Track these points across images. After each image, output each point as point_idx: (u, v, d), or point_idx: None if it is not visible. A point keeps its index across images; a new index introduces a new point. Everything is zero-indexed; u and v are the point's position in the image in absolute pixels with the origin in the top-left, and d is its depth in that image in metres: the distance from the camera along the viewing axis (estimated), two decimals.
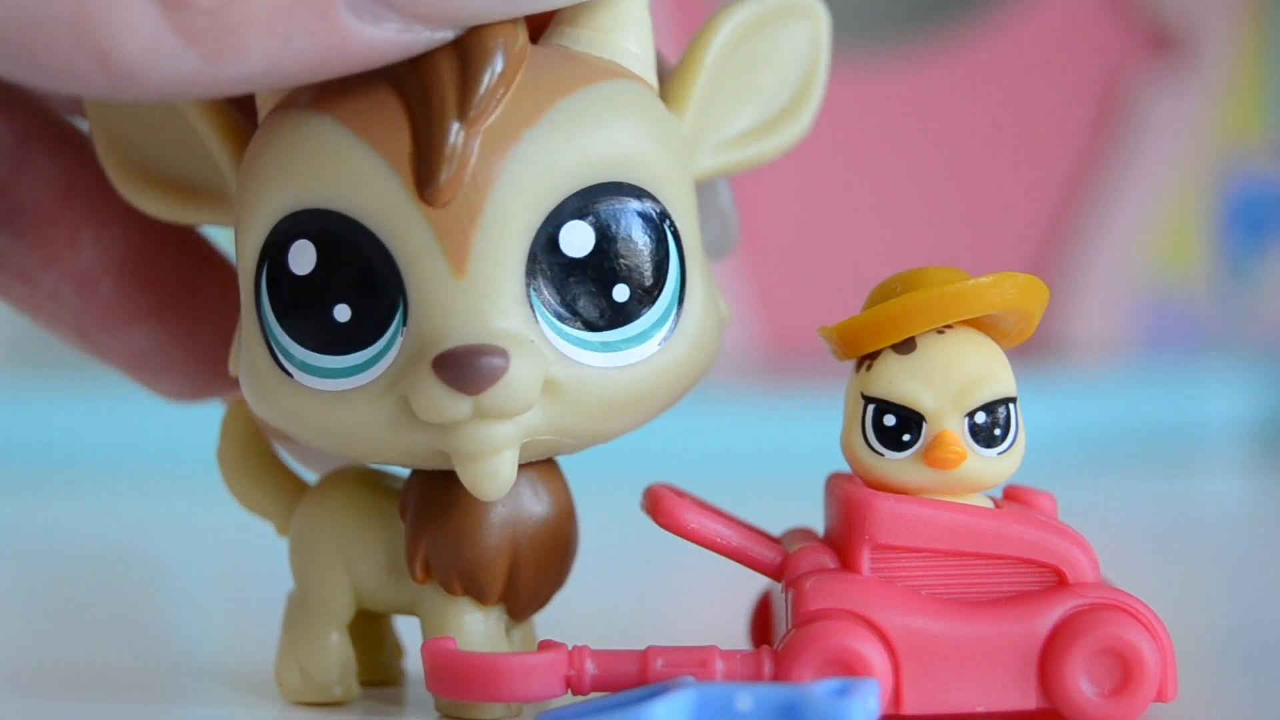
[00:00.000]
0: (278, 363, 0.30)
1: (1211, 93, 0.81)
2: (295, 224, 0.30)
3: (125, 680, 0.35)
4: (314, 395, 0.30)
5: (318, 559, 0.32)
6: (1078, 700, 0.30)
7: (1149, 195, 0.81)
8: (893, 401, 0.30)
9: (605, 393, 0.30)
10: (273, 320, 0.30)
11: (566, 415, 0.30)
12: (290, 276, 0.30)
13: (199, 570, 0.53)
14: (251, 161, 0.30)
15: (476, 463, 0.29)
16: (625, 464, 0.32)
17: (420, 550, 0.31)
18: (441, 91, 0.29)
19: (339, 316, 0.29)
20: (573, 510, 0.32)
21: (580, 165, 0.29)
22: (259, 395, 0.31)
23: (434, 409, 0.29)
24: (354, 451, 0.30)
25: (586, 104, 0.30)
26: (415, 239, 0.29)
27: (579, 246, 0.30)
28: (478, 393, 0.28)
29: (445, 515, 0.31)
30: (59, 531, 0.57)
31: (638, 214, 0.30)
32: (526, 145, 0.29)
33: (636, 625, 0.40)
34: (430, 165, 0.29)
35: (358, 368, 0.29)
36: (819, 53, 0.33)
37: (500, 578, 0.31)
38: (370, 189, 0.29)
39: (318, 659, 0.32)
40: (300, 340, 0.30)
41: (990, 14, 0.83)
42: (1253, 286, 0.81)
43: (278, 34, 0.28)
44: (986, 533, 0.30)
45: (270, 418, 0.31)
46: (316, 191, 0.29)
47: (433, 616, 0.31)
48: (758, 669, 0.30)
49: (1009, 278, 0.30)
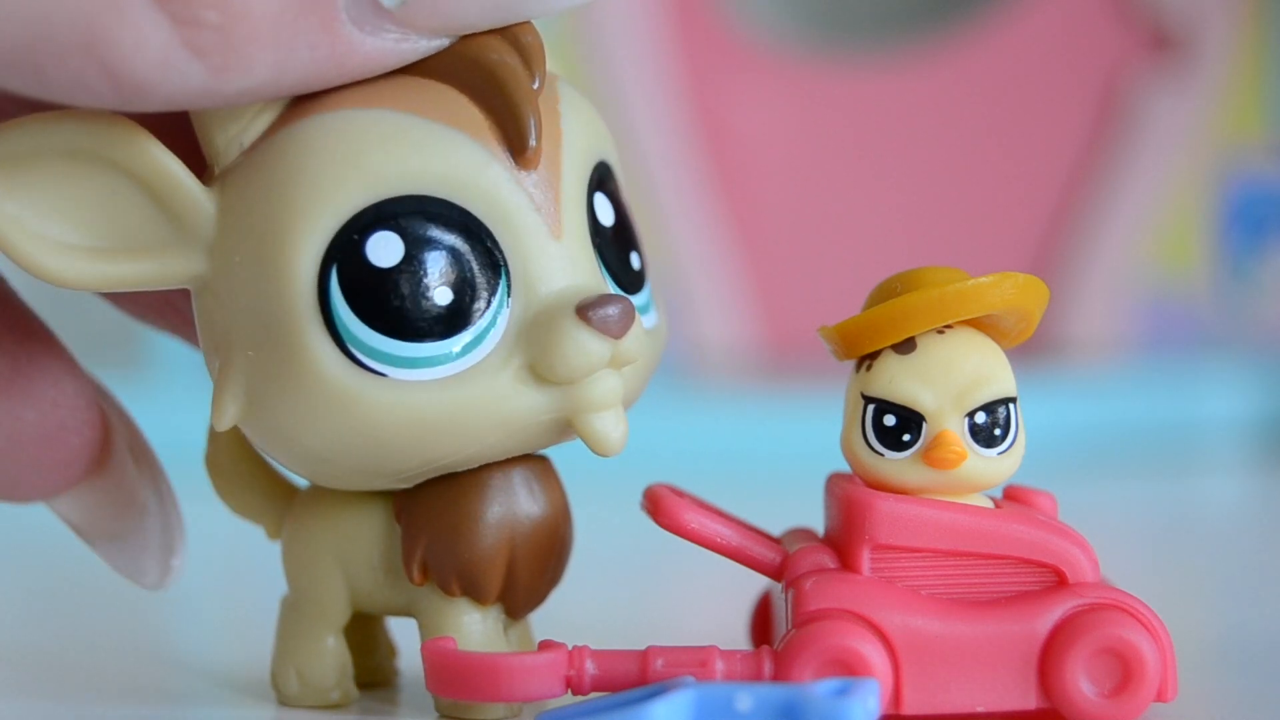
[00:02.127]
0: (363, 366, 0.29)
1: (1211, 93, 0.81)
2: (367, 218, 0.29)
3: (124, 681, 0.35)
4: (419, 389, 0.29)
5: (312, 563, 0.32)
6: (1078, 700, 0.30)
7: (1149, 195, 0.81)
8: (893, 401, 0.30)
9: (648, 356, 0.31)
10: (355, 323, 0.29)
11: (630, 375, 0.30)
12: (374, 271, 0.29)
13: (197, 571, 0.53)
14: (277, 177, 0.29)
15: (608, 415, 0.30)
16: (625, 464, 0.32)
17: (418, 552, 0.31)
18: (510, 64, 0.29)
19: (440, 300, 0.29)
20: (568, 508, 0.32)
21: (595, 141, 0.31)
22: (326, 415, 0.29)
23: (583, 356, 0.29)
24: (453, 445, 0.30)
25: (570, 91, 0.31)
26: (513, 205, 0.29)
27: (606, 216, 0.31)
28: (622, 334, 0.29)
29: (442, 516, 0.31)
30: (59, 531, 0.57)
31: (619, 188, 0.32)
32: (566, 118, 0.30)
33: (636, 625, 0.40)
34: (520, 129, 0.29)
35: (468, 347, 0.29)
36: None
37: (498, 577, 0.31)
38: (457, 163, 0.29)
39: (314, 663, 0.32)
40: (397, 334, 0.29)
41: (990, 14, 0.83)
42: (1253, 286, 0.81)
43: (283, 46, 0.28)
44: (986, 533, 0.30)
45: (339, 437, 0.29)
46: (394, 180, 0.29)
47: (431, 618, 0.31)
48: (758, 669, 0.30)
49: (1009, 278, 0.30)
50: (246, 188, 0.29)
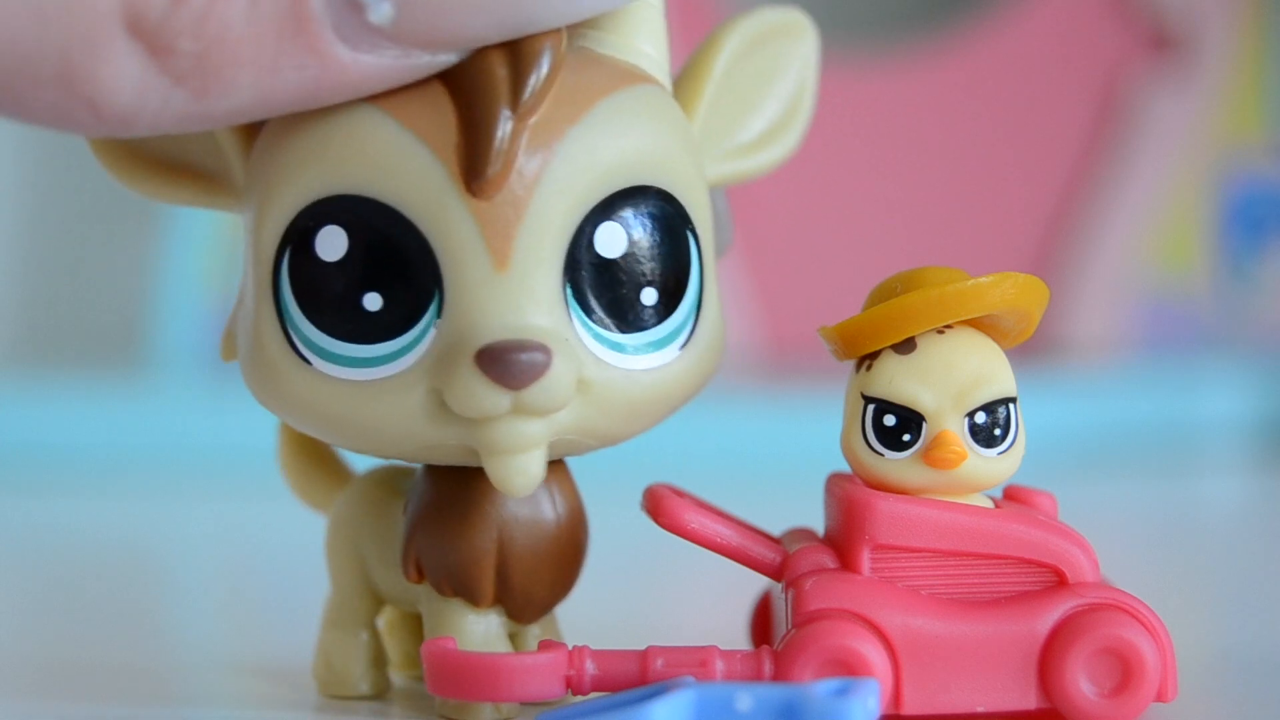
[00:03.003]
0: (295, 349, 0.30)
1: (1211, 93, 0.81)
2: (325, 210, 0.29)
3: (125, 680, 0.35)
4: (335, 384, 0.29)
5: (342, 557, 0.33)
6: (1078, 700, 0.30)
7: (1149, 195, 0.81)
8: (893, 401, 0.30)
9: (630, 395, 0.30)
10: (294, 306, 0.29)
11: (593, 416, 0.30)
12: (318, 263, 0.29)
13: (198, 570, 0.53)
14: (275, 143, 0.30)
15: (507, 459, 0.29)
16: (625, 464, 0.32)
17: (412, 551, 0.31)
18: (493, 83, 0.29)
19: (369, 305, 0.29)
20: (579, 513, 0.32)
21: (618, 166, 0.30)
22: (267, 382, 0.30)
23: (473, 403, 0.28)
24: (370, 444, 0.30)
25: (622, 106, 0.30)
26: (457, 230, 0.29)
27: (613, 248, 0.30)
28: (520, 388, 0.28)
29: (436, 517, 0.31)
30: (59, 531, 0.57)
31: (666, 219, 0.30)
32: (570, 143, 0.29)
33: (636, 625, 0.40)
34: (479, 157, 0.29)
35: (386, 358, 0.29)
36: (809, 71, 0.33)
37: (488, 580, 0.31)
38: (412, 177, 0.29)
39: (343, 653, 0.33)
40: (325, 328, 0.29)
41: (990, 14, 0.83)
42: (1253, 286, 0.81)
43: (265, 69, 0.28)
44: (986, 533, 0.30)
45: (276, 406, 0.31)
46: (352, 177, 0.29)
47: (432, 617, 0.31)
48: (758, 669, 0.30)
49: (1009, 278, 0.30)
50: (261, 152, 0.30)
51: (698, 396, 0.32)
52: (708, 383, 0.31)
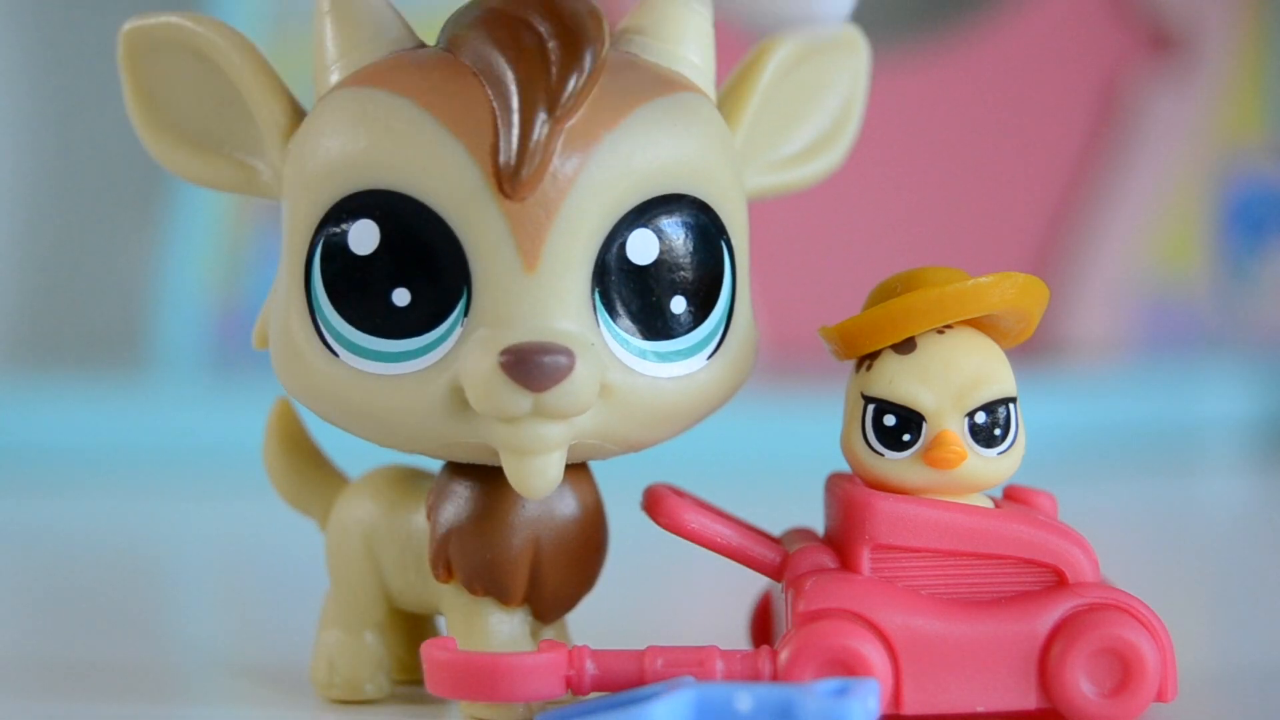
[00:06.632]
0: (323, 339, 0.30)
1: (1211, 93, 0.81)
2: (359, 203, 0.29)
3: (125, 680, 0.35)
4: (360, 376, 0.30)
5: (349, 558, 0.32)
6: (1078, 700, 0.30)
7: (1149, 195, 0.81)
8: (893, 401, 0.30)
9: (655, 402, 0.30)
10: (323, 297, 0.30)
11: (615, 421, 0.30)
12: (349, 255, 0.29)
13: (197, 570, 0.53)
14: (313, 134, 0.30)
15: (526, 460, 0.29)
16: (625, 464, 0.32)
17: (444, 550, 0.31)
18: (531, 85, 0.29)
19: (397, 300, 0.29)
20: (601, 511, 0.32)
21: (653, 173, 0.30)
22: (294, 371, 0.30)
23: (495, 402, 0.29)
24: (391, 438, 0.30)
25: (662, 113, 0.30)
26: (488, 230, 0.29)
27: (644, 255, 0.30)
28: (542, 390, 0.28)
29: (469, 516, 0.31)
30: (59, 531, 0.57)
31: (700, 228, 0.30)
32: (606, 148, 0.29)
33: (636, 625, 0.40)
34: (515, 158, 0.29)
35: (411, 353, 0.29)
36: (859, 85, 0.33)
37: (522, 580, 0.31)
38: (446, 175, 0.29)
39: (349, 657, 0.32)
40: (352, 320, 0.29)
41: (990, 14, 0.83)
42: (1253, 286, 0.81)
43: None
44: (986, 533, 0.30)
45: (302, 395, 0.31)
46: (387, 172, 0.29)
47: (457, 617, 0.31)
48: (758, 669, 0.30)
49: (1009, 278, 0.30)
50: (300, 143, 0.30)
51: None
52: (735, 393, 0.31)
